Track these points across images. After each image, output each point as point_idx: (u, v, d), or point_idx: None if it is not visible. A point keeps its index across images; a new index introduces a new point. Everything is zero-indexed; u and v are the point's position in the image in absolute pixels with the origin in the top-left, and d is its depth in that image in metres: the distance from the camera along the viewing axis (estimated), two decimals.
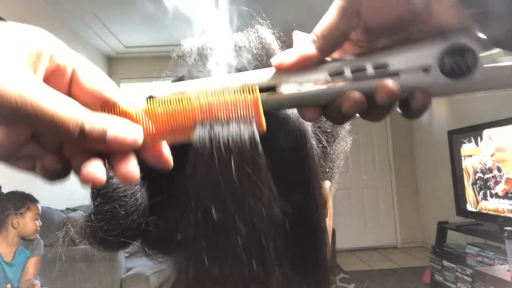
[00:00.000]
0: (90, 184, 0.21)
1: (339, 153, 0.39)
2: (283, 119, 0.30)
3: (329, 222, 0.35)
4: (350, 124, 0.41)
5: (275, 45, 0.35)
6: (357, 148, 4.63)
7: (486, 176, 2.79)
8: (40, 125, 0.19)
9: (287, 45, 0.39)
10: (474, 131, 2.92)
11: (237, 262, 0.26)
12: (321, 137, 0.35)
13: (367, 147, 4.67)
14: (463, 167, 3.04)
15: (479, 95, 0.28)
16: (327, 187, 0.35)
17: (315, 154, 0.32)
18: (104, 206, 0.29)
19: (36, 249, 1.94)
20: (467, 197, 3.02)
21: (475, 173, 2.91)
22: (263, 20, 0.37)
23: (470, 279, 2.73)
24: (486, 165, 2.78)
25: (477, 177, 2.89)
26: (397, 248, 4.55)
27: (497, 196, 2.68)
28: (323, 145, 0.35)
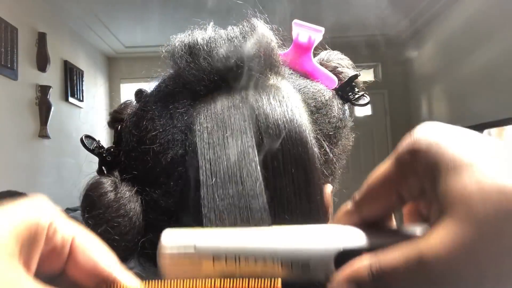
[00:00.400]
0: None
1: (342, 153, 0.37)
2: (284, 126, 0.28)
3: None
4: (352, 121, 0.40)
5: (273, 42, 0.32)
6: (357, 148, 4.64)
7: None
8: None
9: (287, 40, 0.36)
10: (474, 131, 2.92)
11: None
12: (323, 142, 0.33)
13: (367, 147, 4.68)
14: None
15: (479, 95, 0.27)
16: (329, 191, 0.33)
17: (317, 164, 0.30)
18: (96, 228, 0.28)
19: None
20: None
21: None
22: (260, 13, 0.34)
23: None
24: None
25: None
26: None
27: None
28: (325, 150, 0.33)
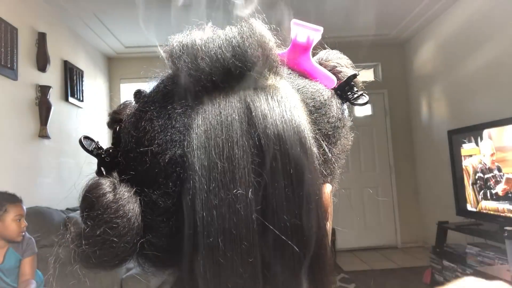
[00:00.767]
0: None
1: (341, 153, 0.37)
2: (282, 126, 0.28)
3: (329, 223, 0.34)
4: (351, 120, 0.40)
5: (271, 42, 0.31)
6: (357, 148, 4.63)
7: (486, 176, 2.79)
8: None
9: (285, 40, 0.36)
10: (474, 131, 2.92)
11: (239, 270, 0.26)
12: (322, 142, 0.33)
13: (367, 147, 4.67)
14: (463, 167, 3.04)
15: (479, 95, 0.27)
16: (328, 191, 0.33)
17: (316, 164, 0.30)
18: (95, 230, 0.28)
19: (27, 249, 1.86)
20: (467, 197, 3.02)
21: (475, 173, 2.91)
22: (258, 13, 0.34)
23: None
24: (486, 165, 2.78)
25: (477, 177, 2.89)
26: (397, 248, 4.54)
27: (497, 196, 2.68)
28: (324, 149, 0.33)
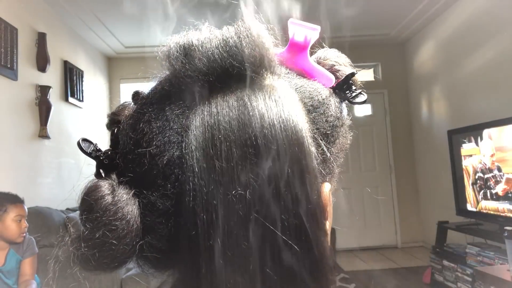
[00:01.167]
0: None
1: (340, 152, 0.37)
2: (280, 126, 0.28)
3: (329, 223, 0.34)
4: (350, 120, 0.40)
5: (269, 42, 0.31)
6: (357, 148, 4.63)
7: (486, 176, 2.79)
8: None
9: (283, 39, 0.36)
10: (474, 131, 2.92)
11: (239, 270, 0.26)
12: (320, 141, 0.33)
13: (367, 147, 4.67)
14: (463, 167, 3.04)
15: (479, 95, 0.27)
16: (327, 190, 0.33)
17: (314, 163, 0.30)
18: (94, 232, 0.28)
19: (28, 250, 1.85)
20: (467, 197, 3.02)
21: (475, 173, 2.91)
22: (255, 13, 0.34)
23: (470, 279, 2.73)
24: (486, 165, 2.78)
25: (477, 177, 2.89)
26: (397, 248, 4.54)
27: (497, 196, 2.68)
28: (322, 149, 0.33)
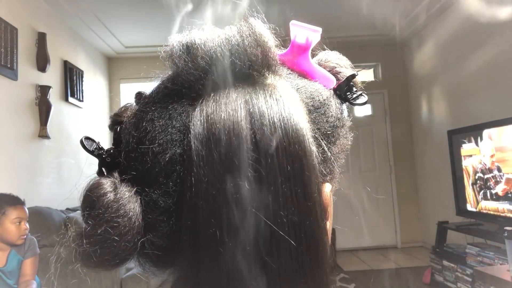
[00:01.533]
0: None
1: (340, 152, 0.37)
2: (280, 124, 0.28)
3: (329, 223, 0.34)
4: (351, 120, 0.40)
5: (271, 42, 0.31)
6: (357, 148, 4.63)
7: (486, 176, 2.79)
8: None
9: (285, 41, 0.36)
10: (474, 131, 2.92)
11: (240, 267, 0.26)
12: (321, 141, 0.33)
13: (367, 147, 4.67)
14: (463, 167, 3.04)
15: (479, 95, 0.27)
16: (328, 190, 0.33)
17: (315, 161, 0.30)
18: (96, 229, 0.28)
19: (29, 250, 1.84)
20: (467, 197, 3.02)
21: (475, 173, 2.91)
22: (257, 13, 0.34)
23: (470, 279, 2.73)
24: (486, 165, 2.78)
25: (477, 177, 2.89)
26: (397, 248, 4.55)
27: (497, 196, 2.68)
28: (323, 149, 0.33)
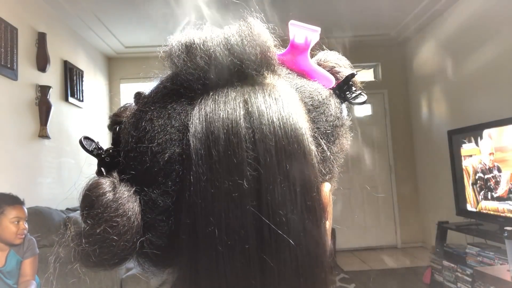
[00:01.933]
0: None
1: (339, 152, 0.37)
2: (279, 123, 0.28)
3: (329, 223, 0.34)
4: (351, 120, 0.40)
5: (270, 41, 0.32)
6: (357, 148, 4.63)
7: (486, 176, 2.79)
8: None
9: (284, 40, 0.36)
10: (474, 131, 2.92)
11: (240, 266, 0.26)
12: (320, 141, 0.33)
13: (367, 147, 4.67)
14: (463, 167, 3.04)
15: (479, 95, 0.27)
16: (327, 190, 0.33)
17: (314, 160, 0.30)
18: (95, 228, 0.28)
19: (28, 250, 1.85)
20: (467, 197, 3.02)
21: (475, 173, 2.91)
22: (257, 13, 0.34)
23: (470, 279, 2.73)
24: (486, 165, 2.78)
25: (477, 177, 2.89)
26: (397, 248, 4.54)
27: (497, 196, 2.68)
28: (323, 148, 0.33)
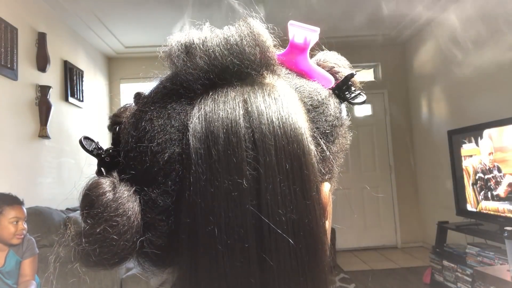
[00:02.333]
0: None
1: (339, 152, 0.37)
2: (279, 123, 0.28)
3: (328, 222, 0.34)
4: (350, 120, 0.40)
5: (269, 41, 0.32)
6: (357, 148, 4.63)
7: (486, 176, 2.79)
8: None
9: (283, 41, 0.36)
10: (474, 131, 2.92)
11: (239, 266, 0.26)
12: (320, 140, 0.33)
13: (367, 147, 4.67)
14: (463, 167, 3.04)
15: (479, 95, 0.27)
16: (327, 190, 0.33)
17: (313, 160, 0.30)
18: (95, 228, 0.28)
19: (27, 250, 1.85)
20: (467, 197, 3.02)
21: (475, 173, 2.91)
22: (256, 13, 0.34)
23: (470, 279, 2.73)
24: (486, 165, 2.78)
25: (477, 177, 2.89)
26: (397, 248, 4.54)
27: (497, 196, 2.68)
28: (322, 148, 0.33)
